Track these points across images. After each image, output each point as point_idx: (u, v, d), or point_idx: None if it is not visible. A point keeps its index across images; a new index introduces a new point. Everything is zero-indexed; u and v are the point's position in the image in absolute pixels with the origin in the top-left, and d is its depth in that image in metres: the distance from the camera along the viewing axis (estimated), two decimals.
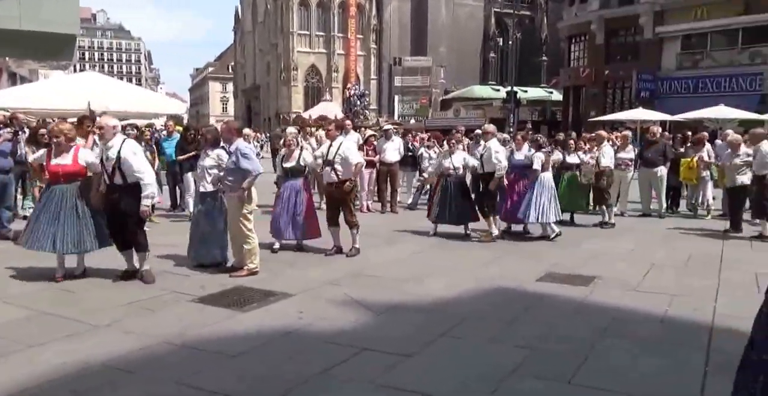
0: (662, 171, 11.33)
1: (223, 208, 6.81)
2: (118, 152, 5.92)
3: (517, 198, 9.09)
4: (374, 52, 60.02)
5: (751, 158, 9.44)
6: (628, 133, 12.58)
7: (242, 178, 6.47)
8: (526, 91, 41.56)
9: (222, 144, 6.78)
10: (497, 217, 9.15)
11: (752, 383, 2.34)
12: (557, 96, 43.30)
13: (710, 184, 11.57)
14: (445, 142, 13.21)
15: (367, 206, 12.07)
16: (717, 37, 28.74)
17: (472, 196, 9.17)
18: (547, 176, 9.10)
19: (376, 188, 12.62)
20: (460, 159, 9.05)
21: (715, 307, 5.41)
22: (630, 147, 12.22)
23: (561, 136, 13.60)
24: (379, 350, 4.33)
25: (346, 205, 7.76)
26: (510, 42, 42.05)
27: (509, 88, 33.85)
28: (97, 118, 7.14)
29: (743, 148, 9.69)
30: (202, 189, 6.90)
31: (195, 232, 6.91)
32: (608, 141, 12.46)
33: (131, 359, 4.12)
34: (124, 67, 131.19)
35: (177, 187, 11.01)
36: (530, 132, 17.11)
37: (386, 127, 14.48)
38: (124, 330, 4.71)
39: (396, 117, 48.58)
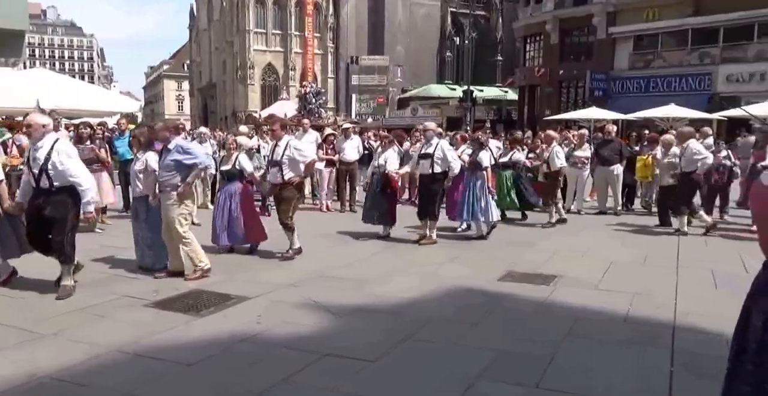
0: (618, 169, 11.47)
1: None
2: (48, 154, 5.42)
3: (458, 197, 8.95)
4: (331, 51, 59.72)
5: (676, 159, 9.61)
6: (585, 131, 12.71)
7: (185, 175, 6.24)
8: (482, 91, 41.85)
9: (157, 145, 6.52)
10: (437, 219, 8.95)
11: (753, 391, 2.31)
12: (513, 95, 43.73)
13: None
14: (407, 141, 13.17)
15: (327, 205, 11.91)
16: (667, 37, 29.38)
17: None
18: (484, 175, 8.89)
19: (335, 187, 12.48)
20: (384, 157, 8.93)
21: (676, 304, 5.43)
22: (586, 145, 12.35)
23: (519, 134, 13.69)
24: (342, 355, 4.19)
25: (287, 206, 7.38)
26: (466, 41, 42.24)
27: (466, 88, 34.04)
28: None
29: (673, 148, 9.84)
30: (136, 193, 6.66)
31: (138, 236, 6.67)
32: (565, 140, 12.61)
33: (82, 371, 3.89)
34: (76, 64, 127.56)
35: (130, 187, 10.64)
36: (488, 131, 17.16)
37: (345, 125, 14.33)
38: (74, 339, 4.47)
39: (353, 115, 48.45)
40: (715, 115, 20.48)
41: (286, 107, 30.73)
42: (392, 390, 3.68)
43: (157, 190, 6.37)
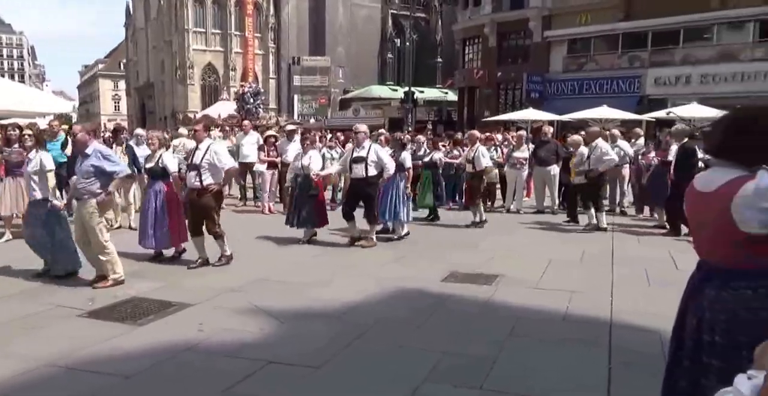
0: (555, 170, 11.73)
1: (61, 215, 6.30)
2: None
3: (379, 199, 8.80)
4: (273, 51, 59.01)
5: (581, 158, 9.93)
6: (523, 133, 12.94)
7: (106, 182, 6.00)
8: (422, 92, 42.12)
9: (76, 149, 6.27)
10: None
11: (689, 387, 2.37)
12: (453, 96, 44.16)
13: None
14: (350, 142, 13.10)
15: (269, 208, 11.74)
16: (600, 41, 30.21)
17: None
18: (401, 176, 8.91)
19: (278, 189, 12.31)
20: (307, 158, 8.71)
21: (612, 302, 5.57)
22: (524, 146, 12.59)
23: (459, 135, 13.84)
24: (287, 363, 4.11)
25: (209, 215, 6.99)
26: (407, 43, 42.42)
27: (407, 89, 34.17)
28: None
29: (581, 148, 10.14)
30: (32, 196, 6.36)
31: (39, 243, 6.36)
32: (505, 141, 12.82)
33: (13, 386, 3.69)
34: (5, 63, 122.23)
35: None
36: (429, 132, 17.27)
37: (289, 127, 14.16)
38: (4, 353, 4.23)
39: (296, 116, 48.10)
40: (645, 117, 21.15)
41: (226, 107, 30.25)
42: None
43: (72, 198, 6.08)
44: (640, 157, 11.36)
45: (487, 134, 13.23)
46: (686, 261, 2.54)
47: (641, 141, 12.73)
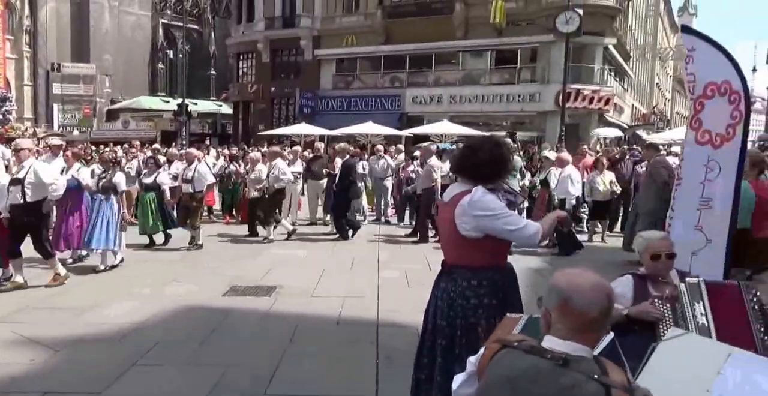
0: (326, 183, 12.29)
1: None
2: None
3: (81, 223, 7.88)
4: (28, 56, 52.69)
5: (257, 174, 10.27)
6: (298, 148, 13.37)
7: None
8: (196, 104, 40.87)
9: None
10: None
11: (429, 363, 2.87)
12: (227, 109, 43.51)
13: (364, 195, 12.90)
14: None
15: None
16: (364, 62, 32.05)
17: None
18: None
19: None
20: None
21: (378, 304, 6.11)
22: (299, 161, 13.00)
23: (234, 149, 13.85)
24: (65, 392, 3.93)
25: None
26: (180, 55, 40.84)
27: (180, 100, 33.02)
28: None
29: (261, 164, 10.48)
30: None
31: None
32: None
33: None
34: None
35: None
36: (208, 146, 16.98)
37: (55, 141, 12.96)
38: None
39: (56, 127, 43.69)
40: (405, 132, 22.98)
41: None
42: None
43: None
44: (400, 170, 12.48)
45: (288, 150, 13.48)
46: (438, 263, 3.06)
47: (402, 156, 13.90)
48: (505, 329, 2.24)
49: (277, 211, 10.55)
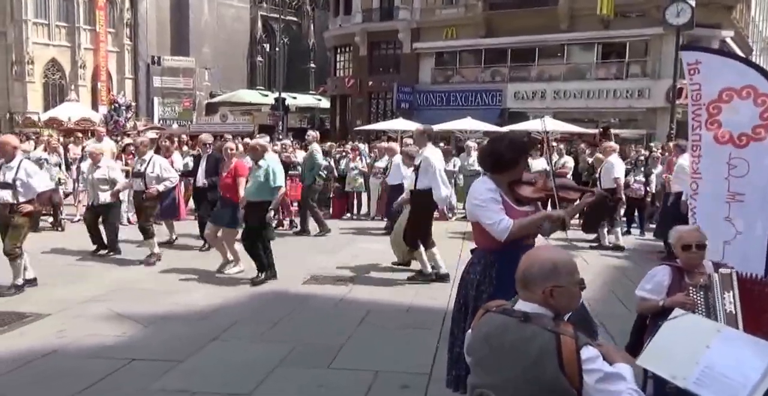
0: None
1: None
2: None
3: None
4: (129, 49, 56.18)
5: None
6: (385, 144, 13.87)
7: None
8: (295, 98, 42.42)
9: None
10: None
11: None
12: (326, 103, 44.72)
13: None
14: None
15: (128, 219, 11.85)
16: (465, 55, 32.30)
17: None
18: None
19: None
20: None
21: (450, 294, 6.50)
22: (386, 157, 13.51)
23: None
24: (150, 359, 4.60)
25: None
26: (277, 48, 42.54)
27: (278, 94, 34.37)
28: None
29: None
30: None
31: None
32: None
33: None
34: None
35: None
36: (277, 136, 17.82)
37: (150, 135, 14.22)
38: None
39: (156, 121, 46.57)
40: (505, 129, 23.04)
41: (76, 110, 27.86)
42: (198, 383, 4.19)
43: None
44: None
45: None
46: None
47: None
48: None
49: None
